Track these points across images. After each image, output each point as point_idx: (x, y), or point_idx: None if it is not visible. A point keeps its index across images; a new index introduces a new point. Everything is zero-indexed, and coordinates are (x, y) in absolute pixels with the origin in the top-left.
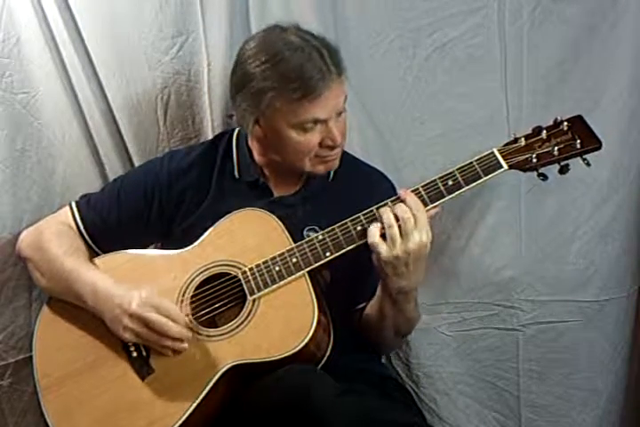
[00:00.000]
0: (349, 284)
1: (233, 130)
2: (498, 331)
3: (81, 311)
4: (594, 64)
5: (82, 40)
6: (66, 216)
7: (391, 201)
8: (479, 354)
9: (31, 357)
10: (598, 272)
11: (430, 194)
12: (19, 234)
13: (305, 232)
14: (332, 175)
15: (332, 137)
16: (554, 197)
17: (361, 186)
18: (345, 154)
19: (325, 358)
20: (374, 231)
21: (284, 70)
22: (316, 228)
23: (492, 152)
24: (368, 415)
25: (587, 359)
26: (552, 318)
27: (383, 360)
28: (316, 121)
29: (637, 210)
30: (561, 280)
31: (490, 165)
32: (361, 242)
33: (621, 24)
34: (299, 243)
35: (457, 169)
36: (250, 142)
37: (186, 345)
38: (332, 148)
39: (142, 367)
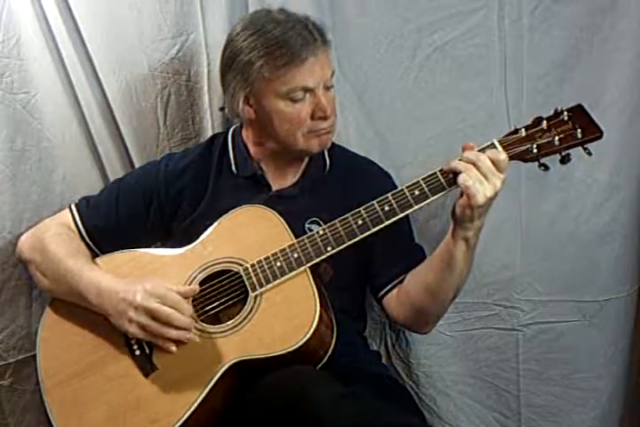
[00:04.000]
0: (356, 279)
1: (228, 129)
2: (498, 331)
3: (84, 311)
4: (594, 64)
5: (82, 40)
6: (66, 218)
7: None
8: (479, 354)
9: (32, 356)
10: (598, 272)
11: (431, 187)
12: (19, 234)
13: (306, 225)
14: (328, 167)
15: (321, 107)
16: (554, 197)
17: (358, 177)
18: (340, 148)
19: (329, 355)
20: (465, 176)
21: (269, 39)
22: (317, 220)
23: (493, 143)
24: (367, 418)
25: (587, 359)
26: (552, 318)
27: (383, 360)
28: (304, 89)
29: (637, 210)
30: (561, 280)
31: None
32: (362, 236)
33: (621, 24)
34: (300, 238)
35: (458, 160)
36: (244, 134)
37: (191, 335)
38: (323, 119)
39: (145, 365)
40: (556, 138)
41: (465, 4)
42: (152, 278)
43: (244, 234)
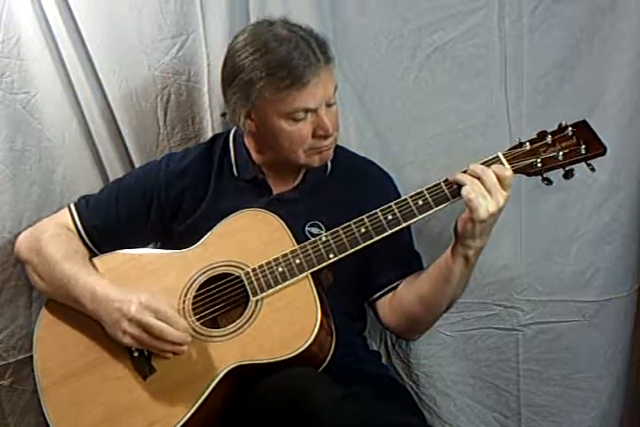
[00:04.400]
0: (356, 281)
1: (229, 130)
2: (498, 331)
3: (81, 312)
4: (594, 64)
5: (82, 40)
6: (65, 218)
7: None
8: (479, 354)
9: (31, 356)
10: (598, 272)
11: (435, 197)
12: (19, 234)
13: (307, 228)
14: (329, 169)
15: (323, 126)
16: (554, 198)
17: (358, 178)
18: (341, 148)
19: (328, 360)
20: (468, 189)
21: (271, 59)
22: (318, 223)
23: (497, 156)
24: (367, 418)
25: (587, 359)
26: (552, 318)
27: (383, 360)
28: (306, 110)
29: (637, 210)
30: (561, 280)
31: None
32: (364, 244)
33: (621, 24)
34: (302, 244)
35: (463, 172)
36: (245, 141)
37: (185, 348)
38: (324, 137)
39: (144, 367)
40: (561, 153)
41: (465, 3)
42: (152, 284)
43: (246, 238)
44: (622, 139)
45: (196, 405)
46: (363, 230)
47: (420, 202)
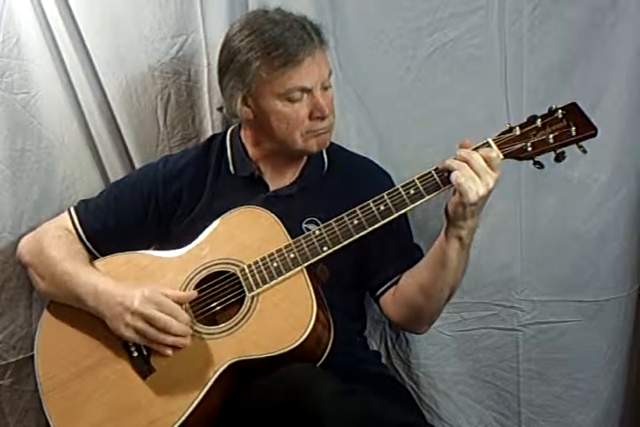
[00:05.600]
0: (356, 280)
1: (226, 130)
2: (498, 331)
3: (81, 314)
4: (594, 64)
5: (82, 40)
6: (65, 222)
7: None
8: (479, 354)
9: (31, 357)
10: (598, 272)
11: (426, 185)
12: (19, 234)
13: (304, 225)
14: (326, 166)
15: (319, 107)
16: (554, 198)
17: (356, 176)
18: (338, 147)
19: (326, 355)
20: (457, 174)
21: (266, 39)
22: (315, 219)
23: (487, 142)
24: (368, 416)
25: (587, 359)
26: (552, 318)
27: (383, 360)
28: (301, 90)
29: (637, 210)
30: (561, 280)
31: None
32: (358, 236)
33: (621, 24)
34: (296, 239)
35: (452, 158)
36: (242, 135)
37: (187, 341)
38: (321, 119)
39: (143, 367)
40: (551, 136)
41: (465, 3)
42: (150, 284)
43: (241, 235)
44: (622, 139)
45: (195, 402)
46: (355, 222)
47: (412, 191)
